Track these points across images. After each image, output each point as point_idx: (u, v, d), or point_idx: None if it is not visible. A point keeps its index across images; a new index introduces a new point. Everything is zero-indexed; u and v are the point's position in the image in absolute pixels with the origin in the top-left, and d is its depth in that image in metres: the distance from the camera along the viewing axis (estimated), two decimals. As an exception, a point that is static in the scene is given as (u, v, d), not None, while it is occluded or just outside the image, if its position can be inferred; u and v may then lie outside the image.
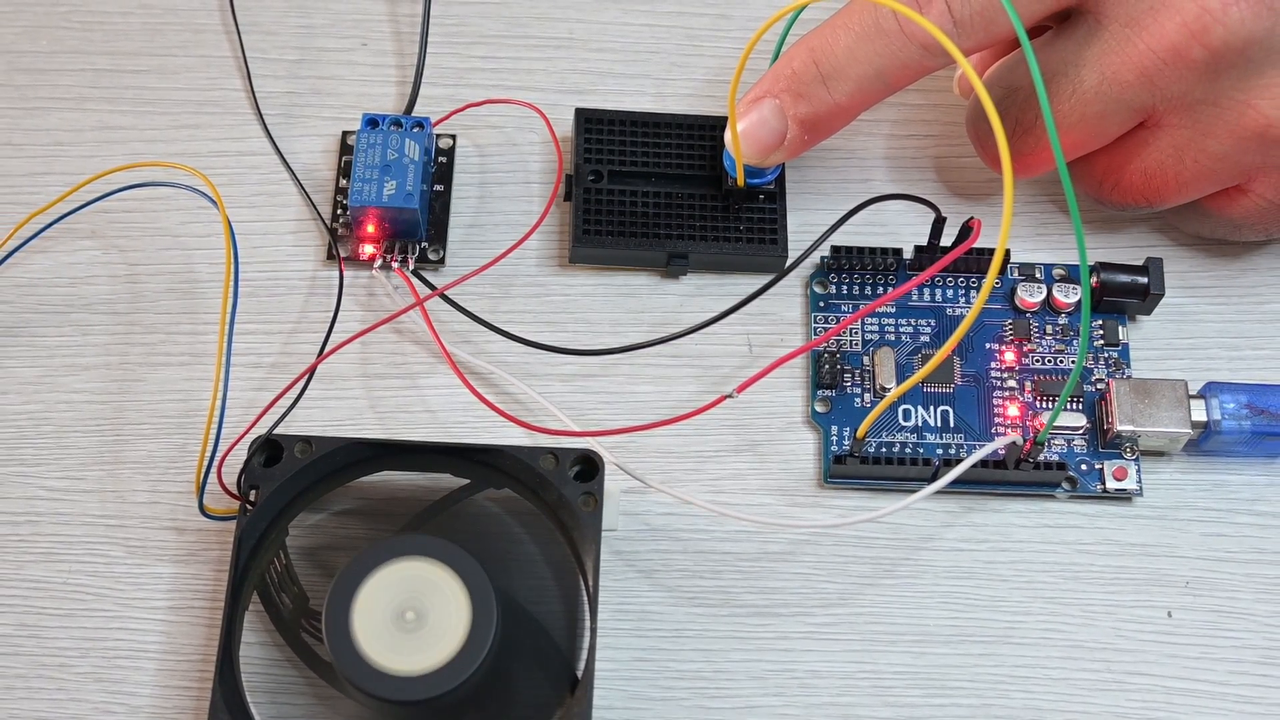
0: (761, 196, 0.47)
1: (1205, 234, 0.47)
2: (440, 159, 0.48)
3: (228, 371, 0.42)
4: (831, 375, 0.45)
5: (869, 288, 0.47)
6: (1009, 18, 0.41)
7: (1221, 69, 0.40)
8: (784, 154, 0.44)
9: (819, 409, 0.45)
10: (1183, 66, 0.40)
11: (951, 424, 0.45)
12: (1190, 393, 0.44)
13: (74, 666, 0.42)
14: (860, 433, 0.43)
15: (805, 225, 0.47)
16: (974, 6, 0.41)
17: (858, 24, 0.42)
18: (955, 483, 0.42)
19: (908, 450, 0.44)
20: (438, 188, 0.48)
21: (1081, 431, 0.44)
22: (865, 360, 0.45)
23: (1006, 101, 0.44)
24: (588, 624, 0.40)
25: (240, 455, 0.41)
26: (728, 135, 0.45)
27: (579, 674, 0.40)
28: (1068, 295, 0.46)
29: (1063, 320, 0.46)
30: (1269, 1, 0.40)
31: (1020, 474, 0.43)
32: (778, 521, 0.43)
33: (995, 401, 0.45)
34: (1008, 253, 0.46)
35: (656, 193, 0.47)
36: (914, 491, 0.42)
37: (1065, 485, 0.44)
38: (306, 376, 0.43)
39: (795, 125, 0.43)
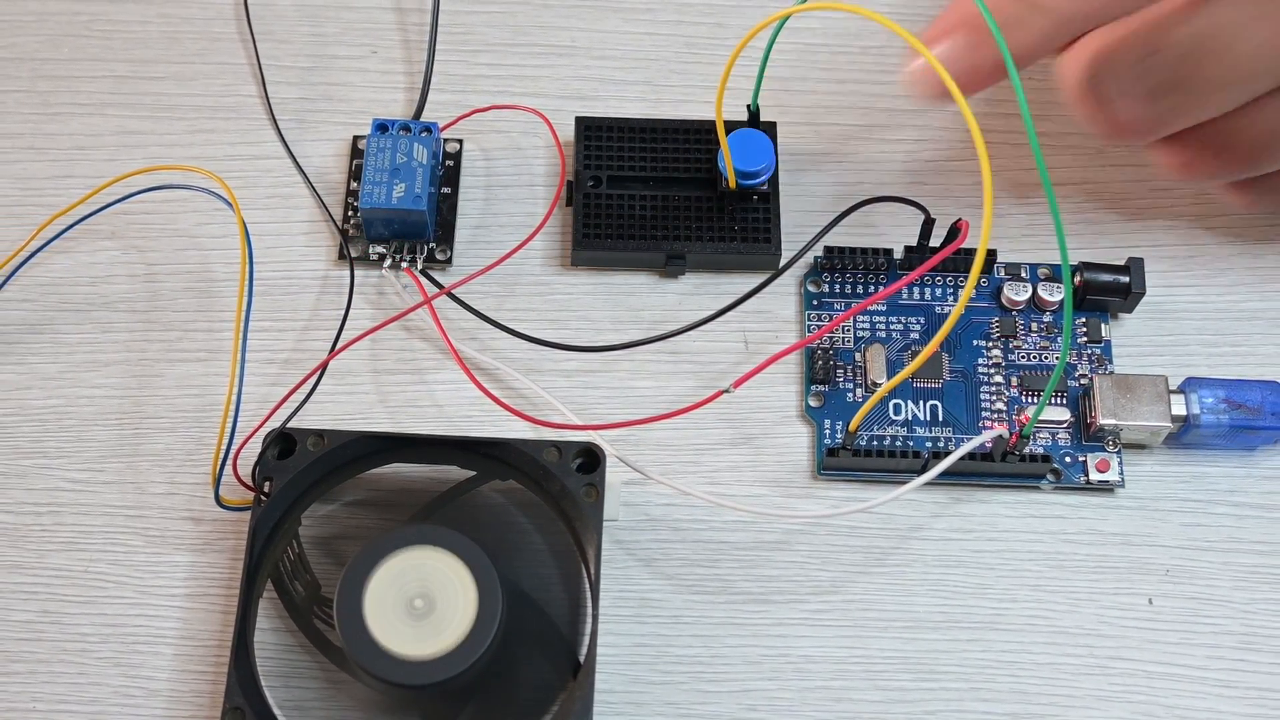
0: (756, 198, 0.47)
1: (1271, 209, 0.45)
2: (447, 162, 0.48)
3: (243, 367, 0.42)
4: (824, 371, 0.45)
5: (860, 286, 0.47)
6: None
7: None
8: (969, 89, 0.40)
9: (812, 404, 0.45)
10: None
11: (940, 418, 0.45)
12: (1170, 388, 0.43)
13: (94, 652, 0.42)
14: (852, 426, 0.43)
15: (799, 226, 0.47)
16: None
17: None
18: (944, 475, 0.42)
19: (898, 443, 0.44)
20: (445, 190, 0.48)
21: (1066, 425, 0.44)
22: (857, 356, 0.45)
23: (1149, 62, 0.40)
24: (590, 611, 0.40)
25: (255, 448, 0.41)
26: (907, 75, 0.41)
27: (581, 659, 0.40)
28: (1052, 294, 0.46)
29: (1047, 318, 0.46)
30: None
31: (1006, 466, 0.43)
32: (773, 512, 0.43)
33: (982, 396, 0.45)
34: (993, 252, 0.46)
35: (654, 195, 0.47)
36: (904, 483, 0.42)
37: (1050, 477, 0.44)
38: (319, 372, 0.43)
39: (982, 60, 0.40)
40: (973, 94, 0.40)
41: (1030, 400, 0.45)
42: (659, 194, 0.47)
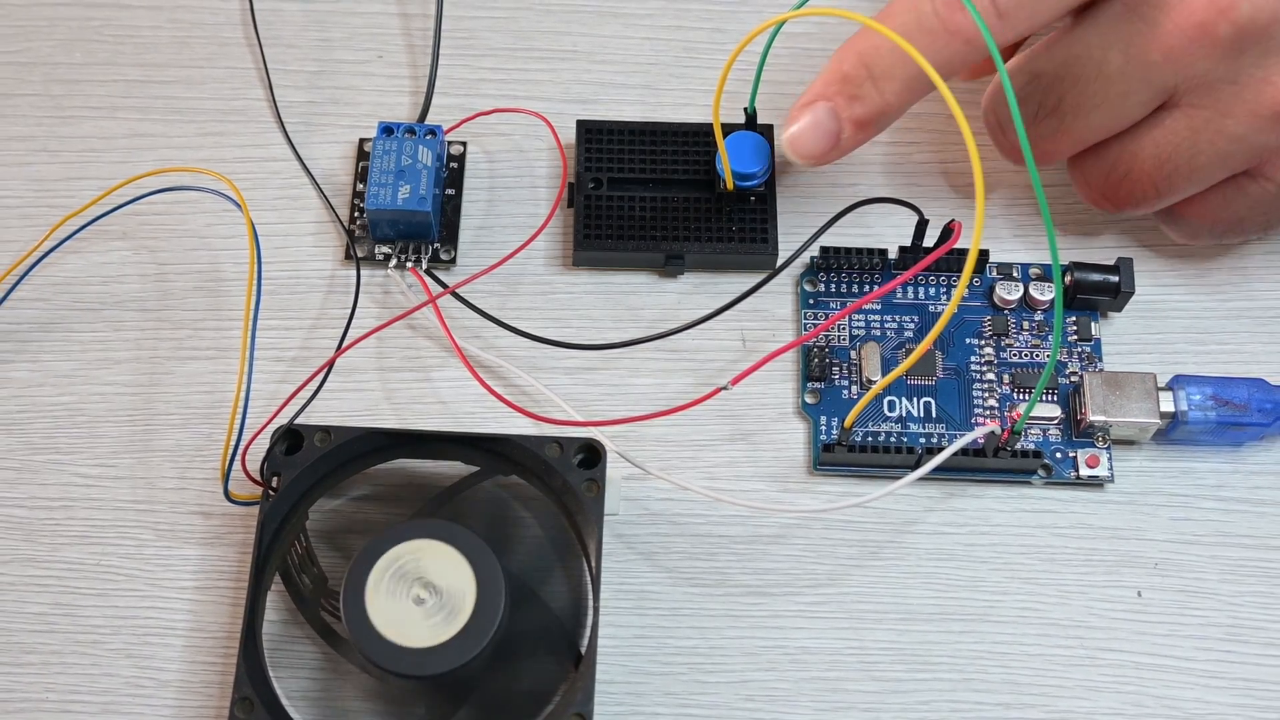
0: (753, 199, 0.46)
1: (1203, 239, 0.45)
2: (451, 164, 0.48)
3: (251, 365, 0.42)
4: (820, 368, 0.45)
5: (856, 286, 0.46)
6: (1051, 3, 0.40)
7: (1245, 46, 0.40)
8: (838, 153, 0.43)
9: (809, 400, 0.45)
10: (1208, 43, 0.40)
11: (933, 414, 0.44)
12: (1159, 385, 0.43)
13: (106, 643, 0.42)
14: (847, 423, 0.43)
15: (795, 227, 0.47)
16: None
17: (900, 24, 0.41)
18: (937, 470, 0.42)
19: (892, 439, 0.44)
20: (449, 192, 0.48)
21: (1056, 422, 0.44)
22: (852, 354, 0.45)
23: (1030, 87, 0.43)
24: (590, 603, 0.40)
25: (263, 444, 0.41)
26: (785, 132, 0.43)
27: (582, 650, 0.40)
28: (1043, 293, 0.46)
29: (1039, 317, 0.46)
30: None
31: (998, 462, 0.43)
32: (770, 506, 0.43)
33: (975, 393, 0.45)
34: (985, 253, 0.46)
35: (654, 197, 0.46)
36: (898, 478, 0.42)
37: (1041, 472, 0.44)
38: (325, 370, 0.43)
39: (849, 126, 0.43)
40: (848, 151, 0.44)
41: (1022, 397, 0.45)
42: (658, 195, 0.47)
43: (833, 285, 0.46)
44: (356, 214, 0.47)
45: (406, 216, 0.45)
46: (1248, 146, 0.42)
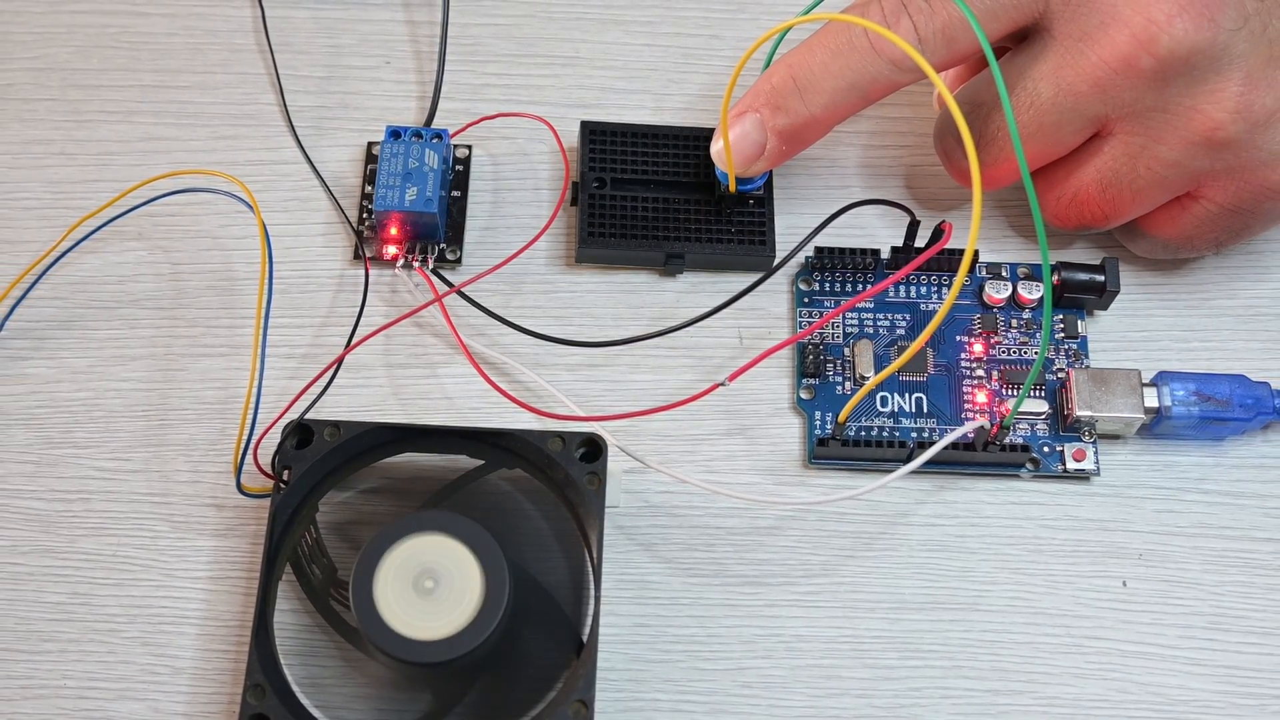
0: (751, 201, 0.46)
1: (1159, 254, 0.46)
2: (457, 167, 0.48)
3: (263, 362, 0.42)
4: (815, 365, 0.45)
5: (850, 285, 0.46)
6: (969, 36, 0.41)
7: (1169, 77, 0.40)
8: (765, 164, 0.44)
9: (804, 396, 0.45)
10: (1133, 75, 0.40)
11: (925, 410, 0.44)
12: (1143, 381, 0.43)
13: (122, 632, 0.42)
14: (841, 418, 0.43)
15: (791, 228, 0.47)
16: (936, 24, 0.41)
17: (832, 41, 0.42)
18: (928, 463, 0.42)
19: (885, 434, 0.44)
20: (455, 193, 0.47)
21: (1044, 417, 0.44)
22: (846, 351, 0.45)
23: (971, 116, 0.43)
24: (592, 593, 0.40)
25: (274, 438, 0.41)
26: (712, 147, 0.44)
27: (584, 638, 0.40)
28: (1031, 292, 0.46)
29: (1027, 315, 0.46)
30: (1210, 14, 0.39)
31: (988, 456, 0.43)
32: (766, 499, 0.43)
33: (965, 389, 0.45)
34: (976, 253, 0.46)
35: (655, 198, 0.46)
36: (891, 471, 0.41)
37: (1029, 466, 0.44)
38: (335, 366, 0.43)
39: (774, 137, 0.43)
40: (776, 163, 0.44)
41: (1010, 393, 0.45)
42: (660, 196, 0.46)
43: (827, 284, 0.46)
44: (365, 215, 0.47)
45: (414, 217, 0.45)
46: (1183, 170, 0.42)
